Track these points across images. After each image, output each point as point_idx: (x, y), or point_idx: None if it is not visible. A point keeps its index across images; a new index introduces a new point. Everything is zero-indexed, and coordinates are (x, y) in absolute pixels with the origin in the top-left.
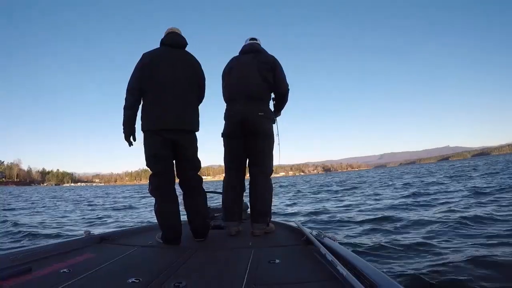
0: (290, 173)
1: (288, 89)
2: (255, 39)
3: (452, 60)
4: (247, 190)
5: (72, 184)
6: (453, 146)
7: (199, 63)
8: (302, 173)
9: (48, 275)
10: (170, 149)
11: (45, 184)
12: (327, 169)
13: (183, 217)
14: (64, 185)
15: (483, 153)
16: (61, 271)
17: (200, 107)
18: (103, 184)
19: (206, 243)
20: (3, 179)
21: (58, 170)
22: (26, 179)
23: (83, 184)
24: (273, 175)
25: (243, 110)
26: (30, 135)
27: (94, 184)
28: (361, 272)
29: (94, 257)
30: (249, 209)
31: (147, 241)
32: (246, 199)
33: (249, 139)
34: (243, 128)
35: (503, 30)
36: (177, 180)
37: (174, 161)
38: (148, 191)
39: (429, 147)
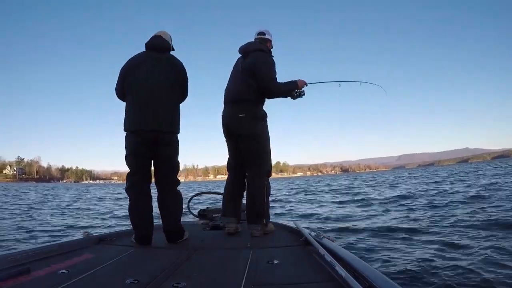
0: (308, 173)
1: (274, 89)
2: (262, 33)
3: (472, 60)
4: None
5: (91, 181)
6: (473, 148)
7: (181, 65)
8: (320, 174)
9: (47, 275)
10: (148, 149)
11: (64, 181)
12: (344, 169)
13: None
14: (82, 182)
15: (503, 155)
16: (60, 271)
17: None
18: (121, 181)
19: (205, 244)
20: (23, 175)
21: (77, 167)
22: (46, 176)
23: (101, 181)
24: (291, 175)
25: (226, 114)
26: (50, 133)
27: (112, 182)
28: (360, 273)
29: (93, 258)
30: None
31: None
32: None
33: (239, 141)
34: (229, 130)
35: None
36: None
37: (152, 162)
38: (125, 190)
39: (448, 149)
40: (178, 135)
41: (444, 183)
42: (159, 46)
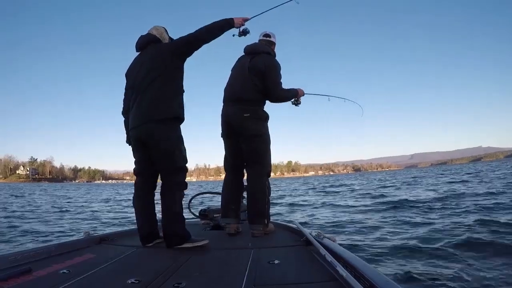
0: (320, 172)
1: (279, 95)
2: (268, 35)
3: (485, 58)
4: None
5: (103, 181)
6: (486, 147)
7: (163, 44)
8: (332, 173)
9: (48, 275)
10: (144, 148)
11: (77, 181)
12: (357, 169)
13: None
14: (95, 182)
15: None
16: (61, 271)
17: None
18: (133, 181)
19: (206, 244)
20: (36, 175)
21: (89, 167)
22: (59, 176)
23: (113, 181)
24: (303, 174)
25: (228, 112)
26: (63, 133)
27: (124, 181)
28: (361, 273)
29: (94, 257)
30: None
31: None
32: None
33: (240, 140)
34: (230, 129)
35: None
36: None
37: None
38: None
39: (461, 147)
40: (186, 132)
41: None
42: (142, 44)
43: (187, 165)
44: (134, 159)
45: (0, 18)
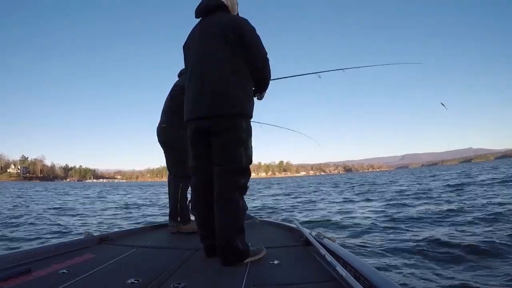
0: (311, 172)
1: None
2: None
3: (475, 60)
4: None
5: (94, 180)
6: (476, 148)
7: (237, 19)
8: (323, 173)
9: (48, 275)
10: (205, 143)
11: (68, 180)
12: (348, 169)
13: None
14: (86, 181)
15: (506, 155)
16: (61, 271)
17: None
18: (124, 180)
19: None
20: (27, 174)
21: (80, 166)
22: (50, 175)
23: (104, 180)
24: (295, 174)
25: None
26: (55, 132)
27: (115, 181)
28: (360, 273)
29: (94, 257)
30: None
31: (146, 241)
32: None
33: None
34: None
35: None
36: None
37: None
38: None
39: (451, 149)
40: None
41: None
42: (203, 10)
43: None
44: (190, 153)
45: None
